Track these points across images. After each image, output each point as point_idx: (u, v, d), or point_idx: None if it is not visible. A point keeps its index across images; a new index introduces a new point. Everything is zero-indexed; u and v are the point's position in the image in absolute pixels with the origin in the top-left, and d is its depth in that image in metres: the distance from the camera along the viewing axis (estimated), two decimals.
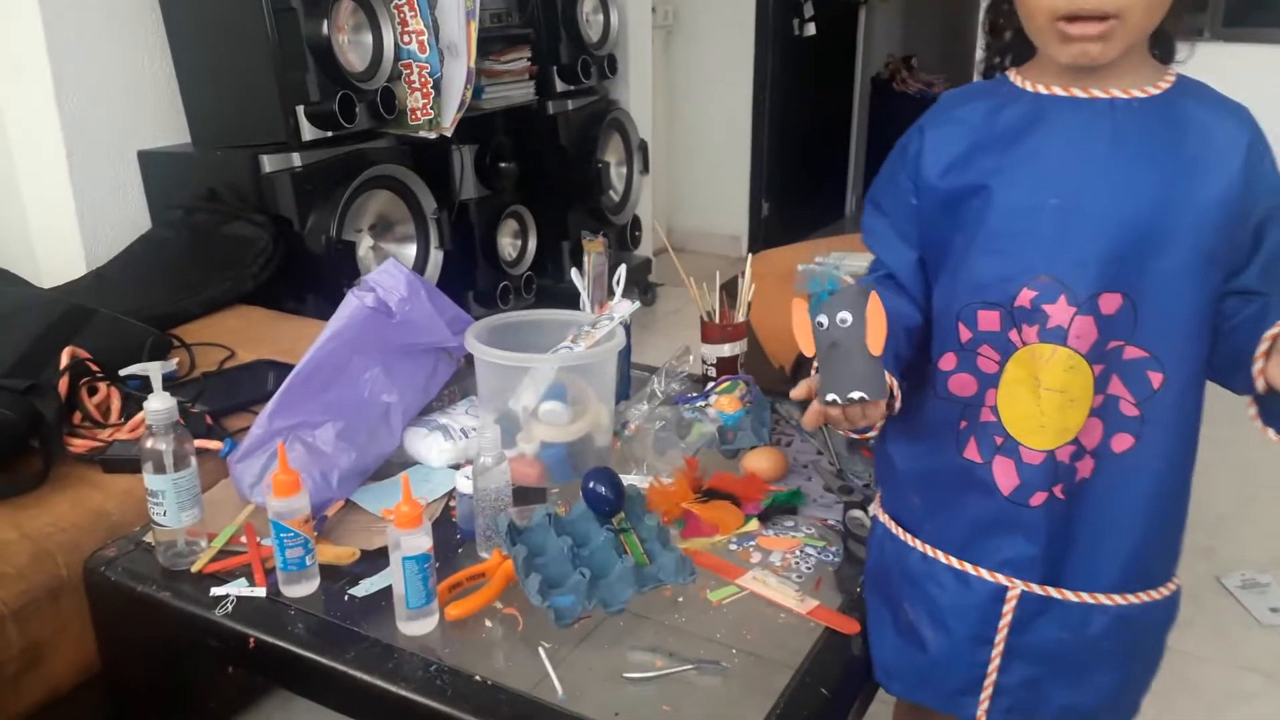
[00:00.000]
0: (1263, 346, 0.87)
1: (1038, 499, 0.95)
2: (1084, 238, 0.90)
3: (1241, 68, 3.76)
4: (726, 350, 1.73)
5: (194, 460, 1.23)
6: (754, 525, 1.32)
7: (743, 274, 1.79)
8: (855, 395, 0.89)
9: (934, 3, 6.04)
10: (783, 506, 1.37)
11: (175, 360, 1.85)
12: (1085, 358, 0.91)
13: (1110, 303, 0.90)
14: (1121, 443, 0.93)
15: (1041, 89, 0.94)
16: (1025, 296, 0.92)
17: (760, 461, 1.45)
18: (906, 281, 1.04)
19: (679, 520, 1.32)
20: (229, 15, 2.34)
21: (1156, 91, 0.91)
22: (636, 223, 3.81)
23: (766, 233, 4.93)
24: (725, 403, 1.57)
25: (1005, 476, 0.96)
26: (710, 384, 1.66)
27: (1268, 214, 0.92)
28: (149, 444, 1.20)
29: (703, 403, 1.59)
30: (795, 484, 1.43)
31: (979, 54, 1.06)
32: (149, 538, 1.28)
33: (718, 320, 1.73)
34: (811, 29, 4.84)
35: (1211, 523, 2.47)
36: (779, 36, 4.65)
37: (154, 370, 1.21)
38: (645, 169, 3.77)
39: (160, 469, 1.20)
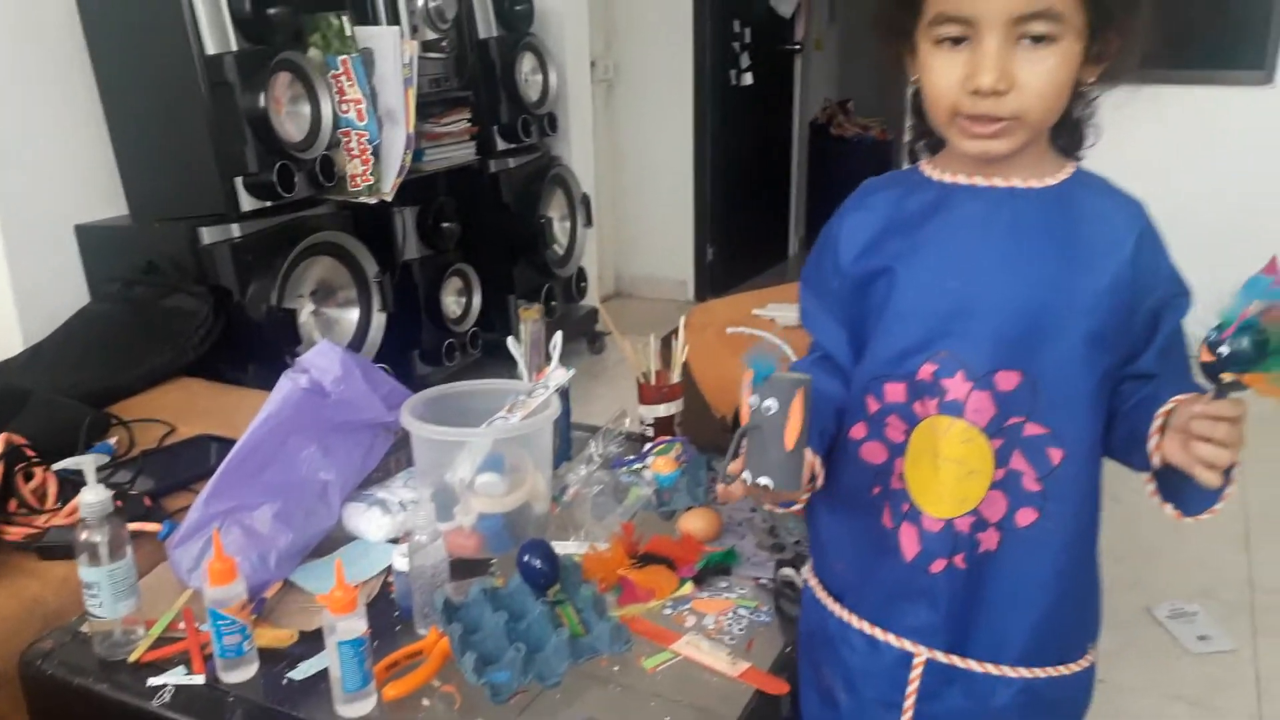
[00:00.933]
0: (1156, 423, 0.91)
1: (937, 566, 0.99)
2: (981, 318, 0.95)
3: (1158, 108, 3.96)
4: (663, 410, 1.77)
5: (130, 549, 1.24)
6: (689, 588, 1.36)
7: (676, 334, 1.84)
8: (763, 482, 0.92)
9: (868, 48, 6.17)
10: (717, 567, 1.41)
11: (114, 440, 1.85)
12: (984, 431, 0.96)
13: (1007, 380, 0.95)
14: (1025, 517, 0.97)
15: (947, 178, 1.00)
16: (926, 370, 0.97)
17: (695, 522, 1.48)
18: (842, 360, 1.08)
19: (615, 587, 1.35)
20: (166, 89, 2.36)
21: (1054, 182, 0.97)
22: (582, 274, 3.87)
23: (713, 277, 5.02)
24: (661, 464, 1.61)
25: (909, 543, 1.00)
26: (647, 445, 1.70)
27: (1162, 302, 0.97)
28: (83, 536, 1.21)
29: (639, 465, 1.62)
30: (729, 543, 1.46)
31: (906, 136, 1.12)
32: (86, 628, 1.28)
33: (654, 381, 1.78)
34: (749, 78, 4.97)
35: (1142, 556, 2.54)
36: (717, 86, 4.77)
37: (87, 463, 1.22)
38: (589, 222, 3.83)
39: (95, 561, 1.21)
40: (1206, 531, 2.66)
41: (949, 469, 0.97)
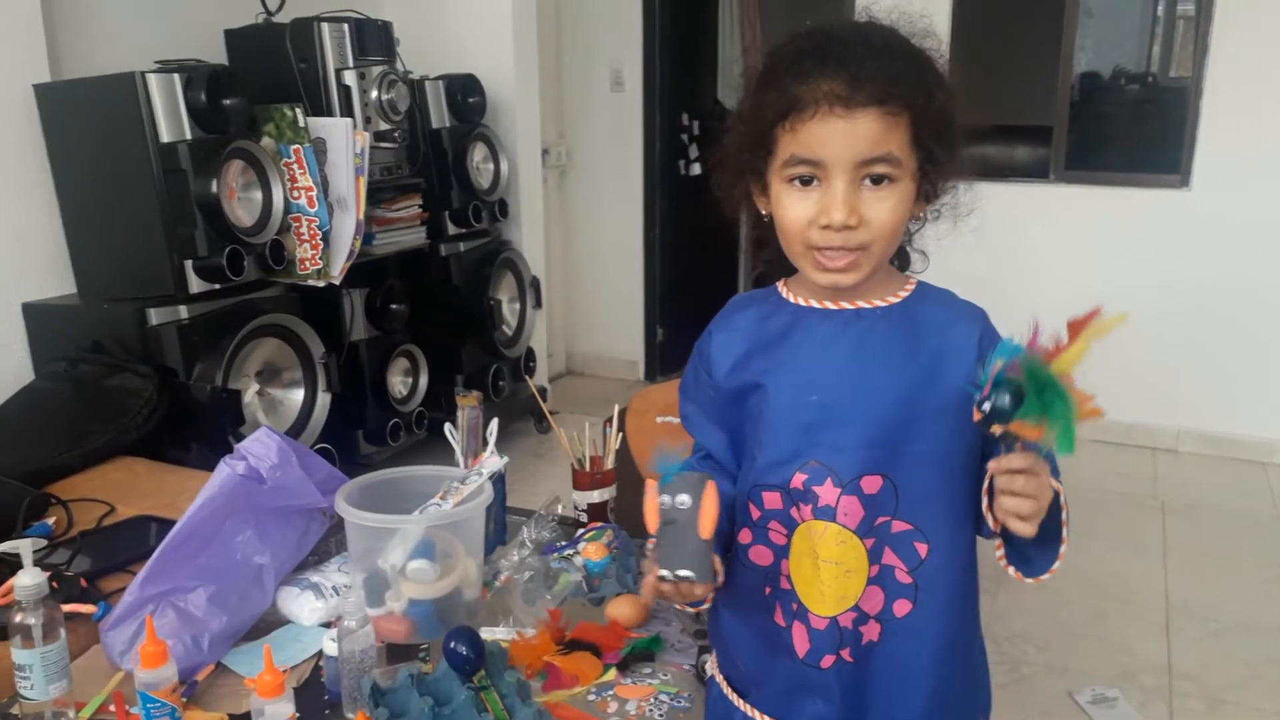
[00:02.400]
0: (985, 484, 0.99)
1: (827, 661, 1.05)
2: (841, 428, 1.03)
3: (1081, 207, 4.17)
4: (596, 497, 1.83)
5: (63, 632, 1.26)
6: (613, 675, 1.40)
7: (610, 422, 1.91)
8: (684, 573, 0.98)
9: None
10: (641, 653, 1.45)
11: (52, 520, 1.86)
12: (855, 532, 1.03)
13: (872, 484, 1.03)
14: (901, 607, 1.05)
15: (801, 301, 1.09)
16: (798, 479, 1.04)
17: (622, 609, 1.53)
18: (722, 460, 1.16)
19: (541, 673, 1.39)
20: (119, 173, 2.43)
21: (896, 300, 1.07)
22: (530, 354, 3.94)
23: (662, 356, 5.12)
24: (593, 550, 1.66)
25: (800, 640, 1.06)
26: (580, 531, 1.75)
27: None
28: (17, 618, 1.23)
29: (570, 551, 1.67)
30: (655, 629, 1.51)
31: (754, 268, 1.22)
32: (16, 709, 1.29)
33: (589, 467, 1.84)
34: (697, 169, 5.14)
35: (1065, 641, 2.62)
36: (666, 175, 4.93)
37: (25, 547, 1.25)
38: (538, 304, 3.92)
39: (28, 642, 1.23)
40: (1127, 617, 2.76)
41: (828, 569, 1.04)
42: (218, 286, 2.47)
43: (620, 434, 1.90)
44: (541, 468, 3.72)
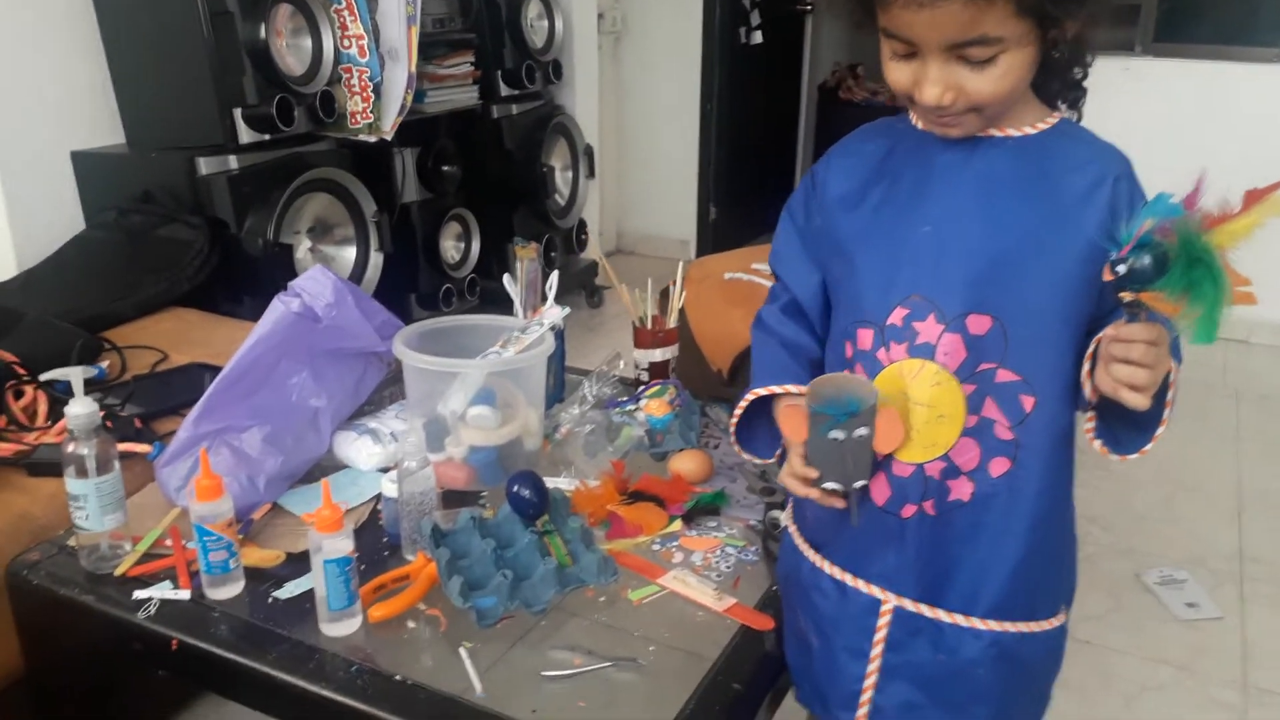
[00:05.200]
0: (1089, 350, 0.91)
1: (908, 510, 0.98)
2: (952, 262, 0.94)
3: (1170, 82, 3.92)
4: (658, 355, 1.76)
5: (117, 464, 1.24)
6: (677, 526, 1.35)
7: (674, 281, 1.82)
8: (859, 484, 0.97)
9: None
10: (706, 507, 1.40)
11: (106, 364, 1.84)
12: (955, 375, 0.95)
13: (979, 324, 0.94)
14: (998, 466, 0.97)
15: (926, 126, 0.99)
16: (898, 315, 0.96)
17: (686, 464, 1.48)
18: (809, 307, 1.09)
19: (604, 522, 1.35)
20: (165, 17, 2.33)
21: (1033, 131, 0.96)
22: (582, 226, 3.84)
23: (715, 237, 4.98)
24: (654, 406, 1.60)
25: (879, 487, 0.99)
26: (640, 388, 1.69)
27: None
28: (70, 448, 1.20)
29: (632, 406, 1.61)
30: (720, 485, 1.46)
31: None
32: (73, 541, 1.27)
33: (650, 326, 1.76)
34: (758, 36, 4.90)
35: (1133, 522, 2.55)
36: (726, 44, 4.71)
37: (75, 374, 1.21)
38: (591, 173, 3.80)
39: (82, 473, 1.20)
40: (1198, 503, 2.67)
41: (918, 413, 0.96)
42: (267, 137, 2.39)
43: (684, 293, 1.81)
44: (592, 340, 3.66)
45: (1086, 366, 0.93)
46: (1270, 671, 2.02)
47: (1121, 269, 0.81)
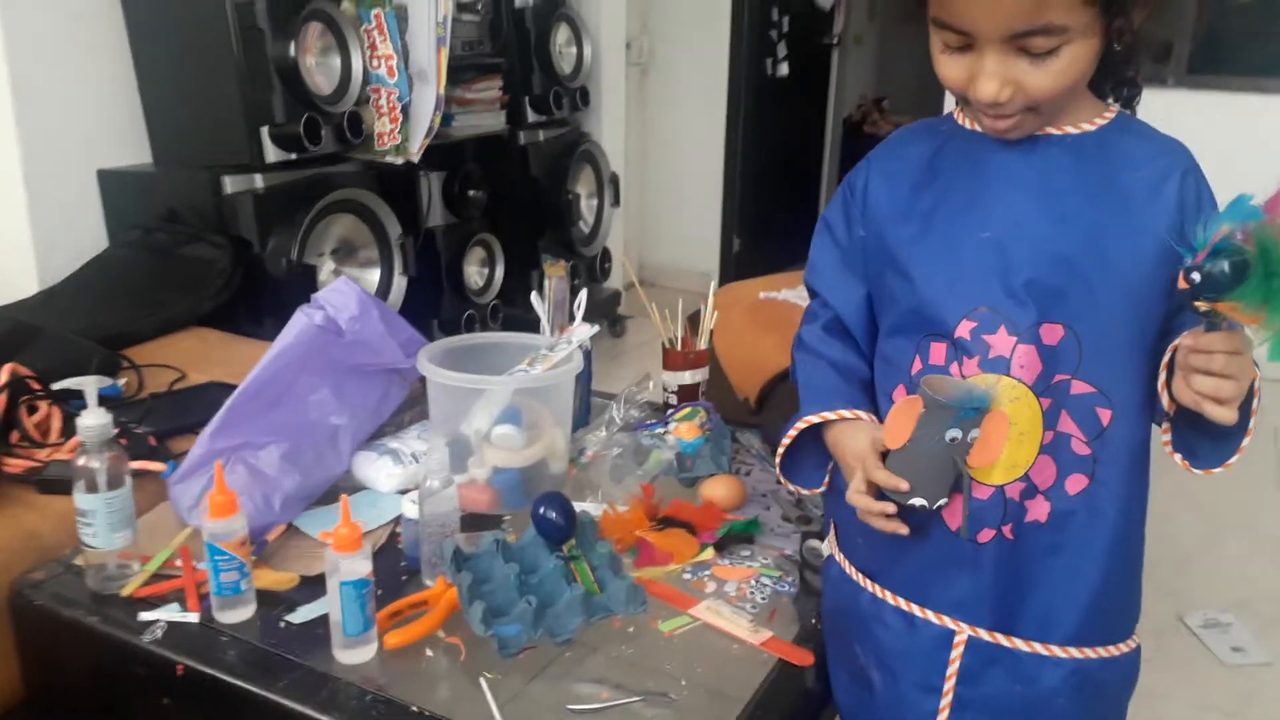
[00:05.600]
0: (1165, 359, 0.85)
1: (985, 535, 0.92)
2: (1018, 269, 0.89)
3: (1204, 115, 3.85)
4: (688, 378, 1.71)
5: (129, 480, 1.19)
6: (709, 554, 1.29)
7: (705, 302, 1.77)
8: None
9: (907, 45, 6.12)
10: (739, 535, 1.34)
11: (123, 381, 1.80)
12: (1031, 389, 0.89)
13: (1052, 333, 0.88)
14: (1076, 484, 0.91)
15: (979, 127, 0.93)
16: (965, 328, 0.91)
17: (718, 490, 1.42)
18: (854, 325, 1.03)
19: (632, 549, 1.29)
20: (195, 34, 2.31)
21: (1091, 128, 0.91)
22: (606, 255, 3.81)
23: (738, 269, 4.93)
24: (685, 430, 1.54)
25: (953, 512, 0.93)
26: (670, 411, 1.64)
27: None
28: (81, 461, 1.16)
29: (662, 429, 1.56)
30: (753, 513, 1.40)
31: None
32: (79, 560, 1.22)
33: (680, 348, 1.71)
34: (785, 69, 4.89)
35: (1175, 563, 2.46)
36: (752, 76, 4.69)
37: (89, 385, 1.17)
38: (616, 201, 3.76)
39: (92, 488, 1.16)
40: (1241, 544, 2.58)
41: None
42: (294, 157, 2.37)
43: (715, 313, 1.76)
44: (615, 370, 3.61)
45: (1163, 376, 0.87)
46: None
47: (1196, 277, 0.75)
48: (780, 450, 1.06)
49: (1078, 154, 0.90)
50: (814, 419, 1.01)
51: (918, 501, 0.90)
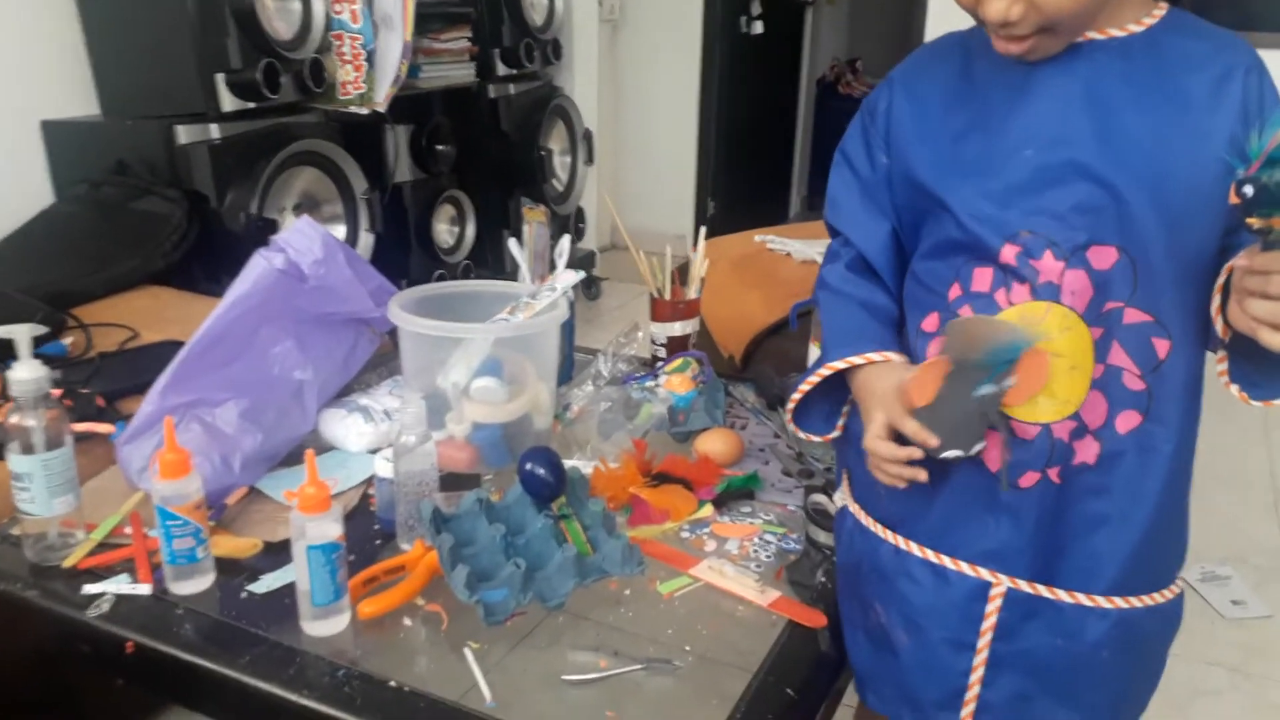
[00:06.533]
0: (1219, 280, 0.78)
1: (1029, 480, 0.84)
2: (1064, 187, 0.80)
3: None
4: (678, 329, 1.61)
5: (69, 439, 1.08)
6: (708, 511, 1.20)
7: (695, 249, 1.67)
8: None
9: (880, 7, 6.02)
10: (739, 491, 1.25)
11: (69, 340, 1.68)
12: (1083, 318, 0.81)
13: (1103, 257, 0.80)
14: (1127, 421, 0.83)
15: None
16: (1009, 253, 0.82)
17: (714, 444, 1.33)
18: (878, 262, 0.94)
19: (626, 506, 1.20)
20: None
21: (1139, 29, 0.81)
22: (580, 214, 3.69)
23: (712, 231, 4.81)
24: (676, 382, 1.45)
25: (990, 453, 0.84)
26: (659, 364, 1.54)
27: None
28: (15, 420, 1.04)
29: (652, 382, 1.46)
30: (751, 468, 1.31)
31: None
32: (16, 530, 1.11)
33: (669, 296, 1.62)
34: (759, 26, 4.77)
35: None
36: (726, 33, 4.57)
37: (20, 333, 1.05)
38: (590, 159, 3.65)
39: (28, 449, 1.04)
40: (1233, 497, 2.53)
41: (1051, 364, 0.81)
42: (252, 106, 2.23)
43: (705, 261, 1.66)
44: (591, 334, 3.51)
45: (1217, 300, 0.78)
46: None
47: (1249, 190, 0.67)
48: (796, 396, 0.97)
49: (1126, 58, 0.81)
50: (840, 364, 0.92)
51: (952, 453, 0.82)
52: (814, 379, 0.95)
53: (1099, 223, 0.79)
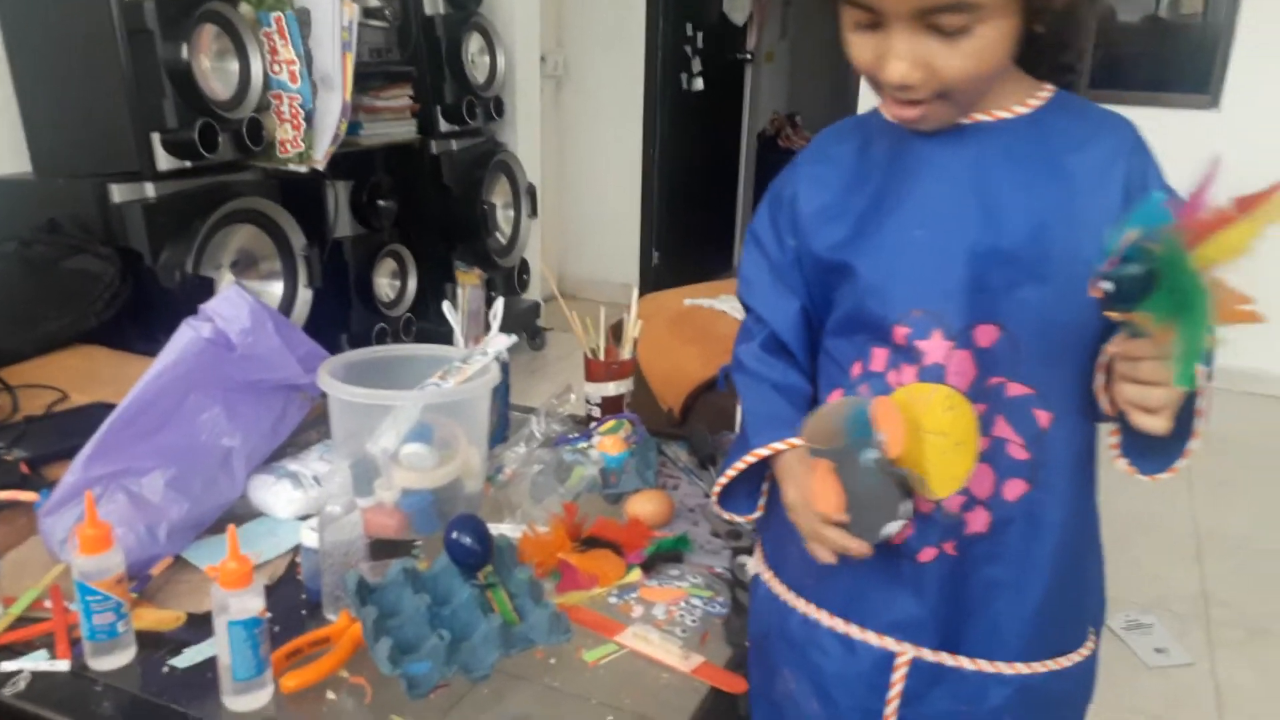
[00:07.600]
0: (1101, 359, 0.81)
1: (927, 555, 0.87)
2: (951, 267, 0.83)
3: None
4: (612, 389, 1.63)
5: None
6: (636, 575, 1.22)
7: (629, 310, 1.71)
8: (905, 508, 0.82)
9: (818, 63, 6.19)
10: (668, 554, 1.27)
11: None
12: (966, 395, 0.84)
13: (986, 335, 0.83)
14: (1014, 489, 0.86)
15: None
16: (900, 333, 0.85)
17: (644, 506, 1.34)
18: (790, 339, 0.96)
19: (555, 572, 1.21)
20: (77, 34, 2.17)
21: (1026, 110, 0.85)
22: (525, 266, 3.72)
23: (657, 282, 4.89)
24: (609, 444, 1.47)
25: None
26: (593, 424, 1.56)
27: None
28: None
29: (585, 444, 1.48)
30: (681, 529, 1.33)
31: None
32: None
33: (603, 358, 1.64)
34: (700, 84, 4.88)
35: None
36: (668, 89, 4.67)
37: None
38: (534, 212, 3.69)
39: None
40: (1156, 545, 2.61)
41: (934, 443, 0.83)
42: (189, 165, 2.24)
43: (639, 322, 1.69)
44: (535, 385, 3.53)
45: (1100, 379, 0.82)
46: None
47: (1108, 286, 0.69)
48: (720, 482, 0.99)
49: (1013, 139, 0.84)
50: (764, 451, 0.94)
51: (888, 530, 0.83)
52: (735, 469, 0.97)
53: (983, 301, 0.82)
